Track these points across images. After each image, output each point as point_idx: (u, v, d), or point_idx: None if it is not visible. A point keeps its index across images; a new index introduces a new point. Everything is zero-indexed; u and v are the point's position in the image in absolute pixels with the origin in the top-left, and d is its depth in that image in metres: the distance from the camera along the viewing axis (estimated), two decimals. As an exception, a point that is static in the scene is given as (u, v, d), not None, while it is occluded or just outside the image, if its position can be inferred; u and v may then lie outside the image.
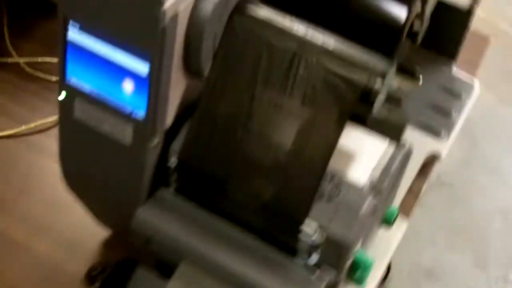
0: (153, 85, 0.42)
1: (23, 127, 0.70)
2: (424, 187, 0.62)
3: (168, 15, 0.40)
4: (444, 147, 0.64)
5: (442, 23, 0.60)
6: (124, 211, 0.49)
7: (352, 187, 0.45)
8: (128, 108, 0.44)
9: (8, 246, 0.61)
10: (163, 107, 0.44)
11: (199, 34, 0.43)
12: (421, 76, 0.52)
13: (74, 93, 0.46)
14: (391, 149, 0.48)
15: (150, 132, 0.45)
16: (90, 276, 0.55)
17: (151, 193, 0.49)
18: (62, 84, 0.46)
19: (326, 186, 0.44)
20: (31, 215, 0.63)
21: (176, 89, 0.45)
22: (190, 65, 0.44)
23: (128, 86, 0.43)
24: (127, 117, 0.45)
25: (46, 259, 0.60)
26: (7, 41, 0.77)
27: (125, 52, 0.42)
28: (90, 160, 0.50)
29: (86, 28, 0.43)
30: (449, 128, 0.66)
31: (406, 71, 0.56)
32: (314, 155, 0.44)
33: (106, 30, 0.42)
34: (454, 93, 0.70)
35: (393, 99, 0.48)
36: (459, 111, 0.68)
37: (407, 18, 0.47)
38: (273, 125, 0.45)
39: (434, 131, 0.65)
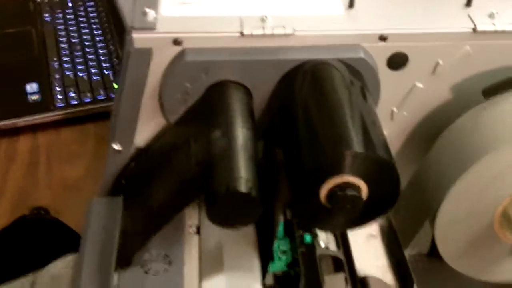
0: (117, 95, 0.52)
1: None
2: None
3: (137, 44, 0.49)
4: None
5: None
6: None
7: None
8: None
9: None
10: (125, 119, 0.53)
11: (164, 81, 0.50)
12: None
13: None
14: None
15: (112, 132, 0.54)
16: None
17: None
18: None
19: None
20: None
21: (149, 117, 0.53)
22: (160, 106, 0.52)
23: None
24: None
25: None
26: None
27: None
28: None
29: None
30: None
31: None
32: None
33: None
34: None
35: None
36: None
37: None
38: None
39: None
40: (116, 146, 0.54)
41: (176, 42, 0.48)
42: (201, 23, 0.49)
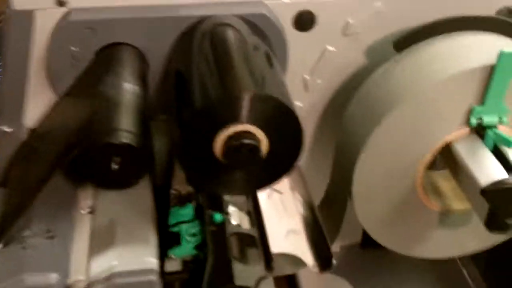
0: (1, 68, 0.47)
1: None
2: None
3: (17, 6, 0.44)
4: None
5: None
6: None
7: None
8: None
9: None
10: (11, 96, 0.48)
11: (49, 47, 0.46)
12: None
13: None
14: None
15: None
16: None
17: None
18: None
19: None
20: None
21: (39, 92, 0.48)
22: (49, 77, 0.47)
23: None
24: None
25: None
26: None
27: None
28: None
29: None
30: None
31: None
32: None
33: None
34: None
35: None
36: None
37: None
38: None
39: None
40: (4, 128, 0.50)
41: (60, 2, 0.45)
42: None
